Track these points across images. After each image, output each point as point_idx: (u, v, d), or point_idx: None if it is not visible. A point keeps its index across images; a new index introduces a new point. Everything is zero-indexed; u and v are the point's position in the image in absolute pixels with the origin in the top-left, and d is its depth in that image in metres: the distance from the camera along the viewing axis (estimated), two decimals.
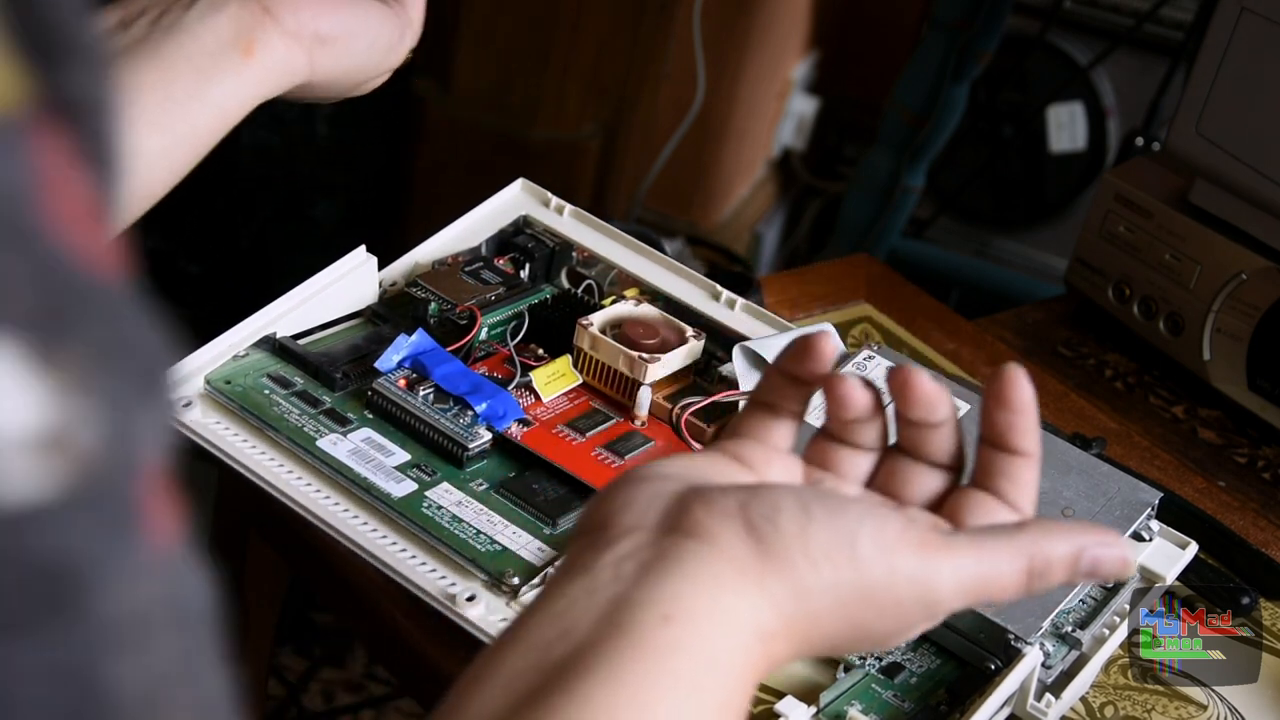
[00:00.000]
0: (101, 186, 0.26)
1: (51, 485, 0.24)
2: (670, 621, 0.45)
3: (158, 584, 0.26)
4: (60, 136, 0.25)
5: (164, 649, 0.26)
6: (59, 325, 0.24)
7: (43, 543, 0.24)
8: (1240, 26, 0.95)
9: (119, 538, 0.25)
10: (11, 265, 0.23)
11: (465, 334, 0.82)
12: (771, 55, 2.23)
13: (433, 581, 0.68)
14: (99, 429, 0.24)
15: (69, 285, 0.24)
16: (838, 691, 0.68)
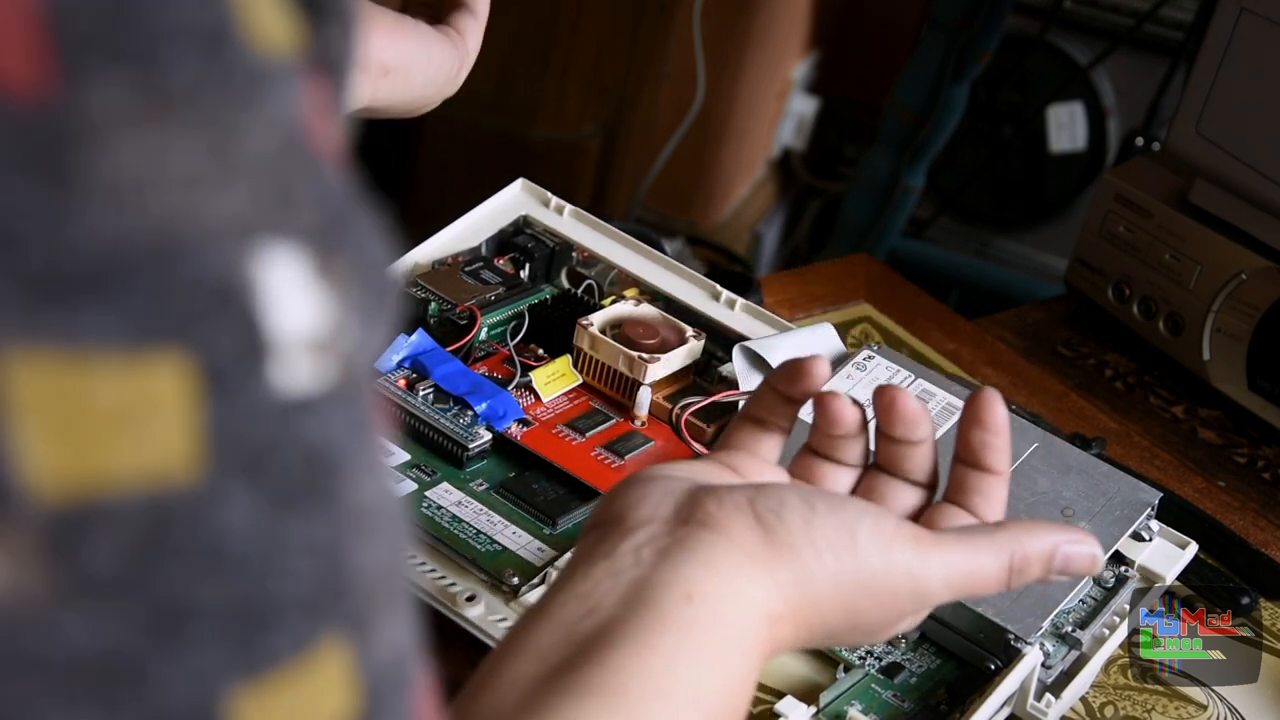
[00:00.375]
0: (340, 130, 0.29)
1: (322, 381, 0.26)
2: (691, 600, 0.48)
3: (383, 482, 0.29)
4: (323, 86, 0.28)
5: (386, 541, 0.29)
6: (334, 240, 0.27)
7: (312, 432, 0.26)
8: (1240, 26, 0.95)
9: (365, 434, 0.28)
10: (302, 184, 0.26)
11: (465, 334, 0.82)
12: (771, 55, 2.23)
13: (432, 581, 0.68)
14: (355, 335, 0.27)
15: (340, 205, 0.27)
16: (838, 691, 0.68)
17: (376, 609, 0.28)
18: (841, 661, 0.70)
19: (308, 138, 0.27)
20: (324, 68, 0.28)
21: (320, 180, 0.27)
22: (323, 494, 0.27)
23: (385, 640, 0.29)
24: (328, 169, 0.27)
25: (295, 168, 0.26)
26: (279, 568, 0.26)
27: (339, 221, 0.27)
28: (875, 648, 0.71)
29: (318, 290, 0.26)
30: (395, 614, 0.29)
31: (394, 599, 0.29)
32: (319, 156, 0.27)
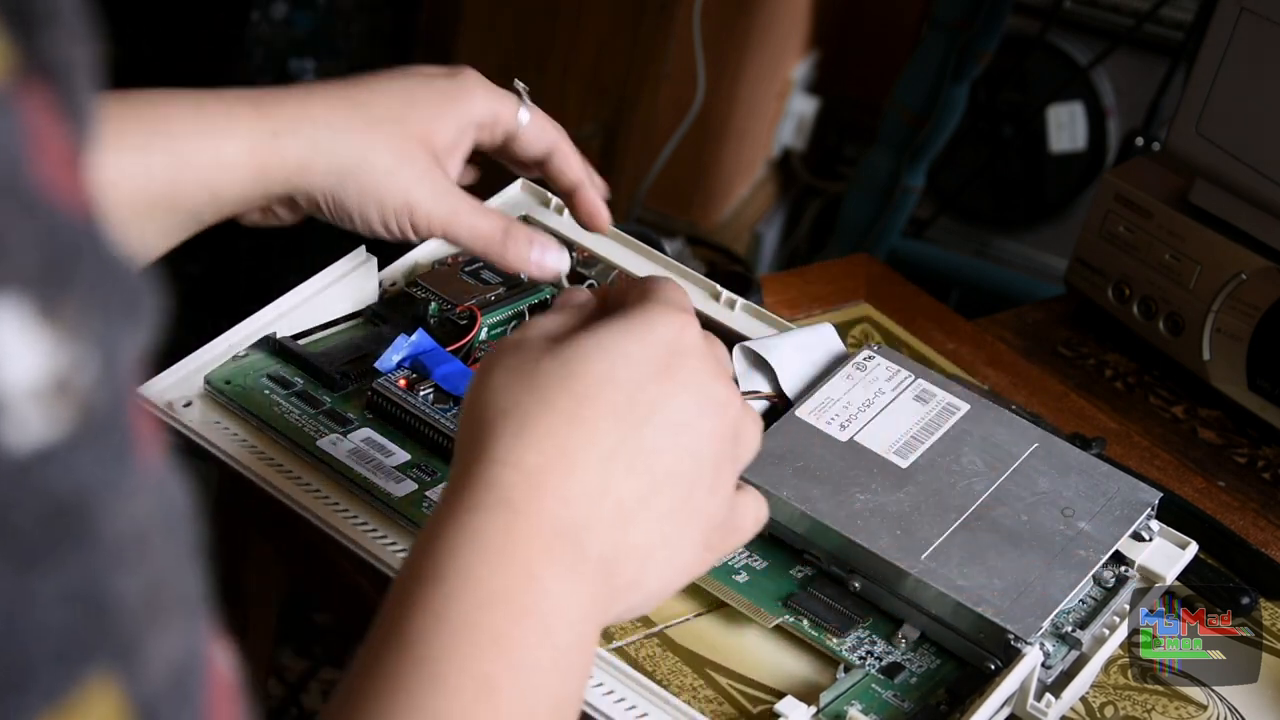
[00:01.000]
0: (77, 136, 0.28)
1: (59, 427, 0.26)
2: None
3: (152, 498, 0.28)
4: (43, 95, 0.27)
5: (158, 555, 0.28)
6: (58, 279, 0.26)
7: (55, 481, 0.26)
8: (1240, 26, 0.95)
9: (120, 464, 0.27)
10: (18, 228, 0.25)
11: (465, 334, 0.82)
12: (771, 55, 2.23)
13: None
14: (95, 368, 0.26)
15: (63, 238, 0.26)
16: (837, 691, 0.68)
17: (147, 630, 0.28)
18: (842, 661, 0.70)
19: (25, 171, 0.26)
20: (48, 76, 0.27)
21: (39, 218, 0.26)
22: (75, 539, 0.26)
23: (160, 655, 0.28)
24: (52, 200, 0.26)
25: (9, 211, 0.25)
26: (26, 628, 0.25)
27: (66, 256, 0.26)
28: (875, 648, 0.71)
29: (44, 336, 0.25)
30: (171, 624, 0.29)
31: (169, 610, 0.29)
32: (39, 189, 0.26)
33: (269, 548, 0.90)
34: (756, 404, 0.79)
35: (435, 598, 0.49)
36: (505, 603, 0.50)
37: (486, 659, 0.48)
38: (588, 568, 0.53)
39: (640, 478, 0.54)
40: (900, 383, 0.81)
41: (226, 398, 0.76)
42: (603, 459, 0.54)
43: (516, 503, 0.52)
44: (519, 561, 0.51)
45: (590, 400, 0.54)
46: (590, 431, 0.54)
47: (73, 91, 0.28)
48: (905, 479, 0.75)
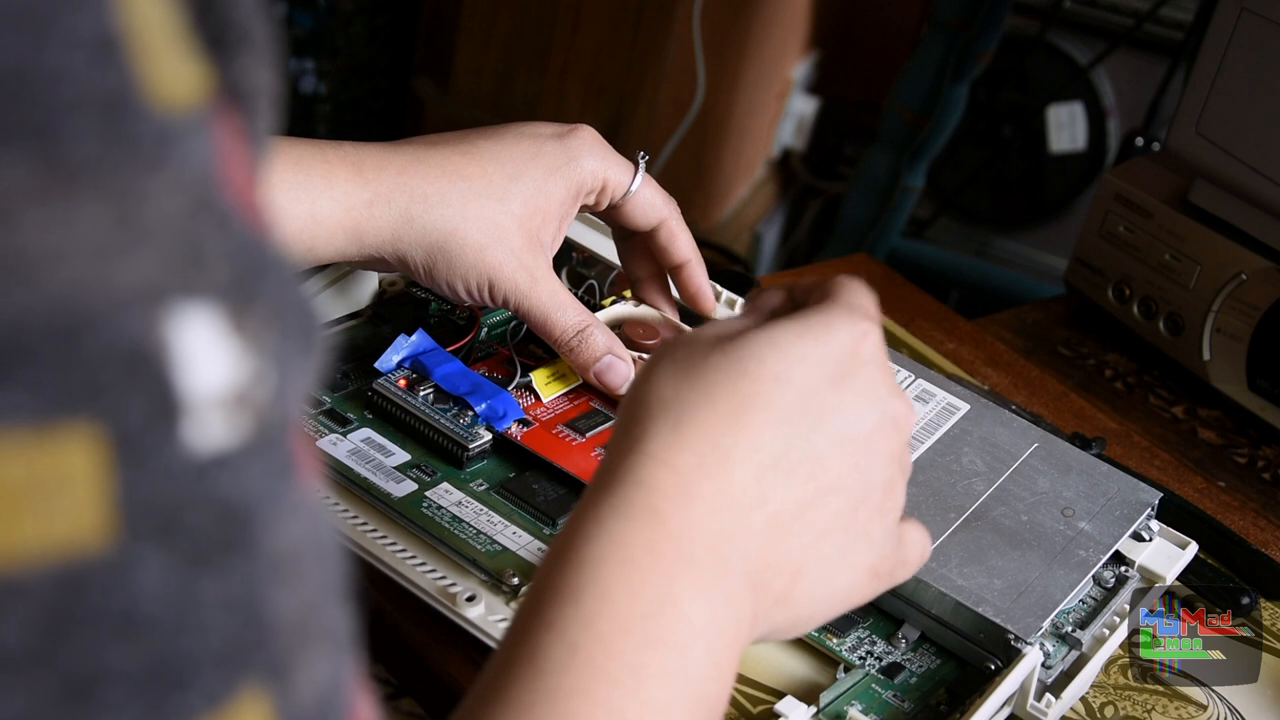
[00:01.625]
0: (257, 160, 0.29)
1: (236, 436, 0.27)
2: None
3: (307, 523, 0.29)
4: (233, 118, 0.28)
5: (311, 580, 0.29)
6: (247, 293, 0.27)
7: (227, 487, 0.27)
8: (1240, 26, 0.95)
9: (284, 482, 0.28)
10: (212, 240, 0.26)
11: (465, 334, 0.82)
12: (771, 55, 2.23)
13: (432, 582, 0.68)
14: (271, 385, 0.27)
15: (252, 255, 0.27)
16: (838, 691, 0.68)
17: (299, 651, 0.29)
18: (842, 661, 0.70)
19: (219, 188, 0.27)
20: (238, 102, 0.28)
21: (232, 232, 0.27)
22: (239, 547, 0.27)
23: (309, 680, 0.29)
24: (240, 218, 0.27)
25: (205, 224, 0.26)
26: (192, 626, 0.26)
27: (253, 272, 0.27)
28: (875, 648, 0.71)
29: (232, 345, 0.26)
30: (321, 653, 0.29)
31: (320, 638, 0.29)
32: (231, 207, 0.27)
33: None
34: None
35: (571, 622, 0.46)
36: (643, 629, 0.47)
37: (620, 695, 0.45)
38: (731, 585, 0.50)
39: (802, 487, 0.51)
40: (900, 383, 0.80)
41: None
42: (763, 466, 0.51)
43: (664, 511, 0.49)
44: (660, 581, 0.48)
45: (757, 402, 0.51)
46: (753, 437, 0.51)
47: (256, 117, 0.29)
48: None
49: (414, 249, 0.73)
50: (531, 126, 0.77)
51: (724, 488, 0.50)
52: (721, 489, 0.50)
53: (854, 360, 0.54)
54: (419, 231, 0.72)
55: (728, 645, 0.49)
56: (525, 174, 0.75)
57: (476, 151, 0.75)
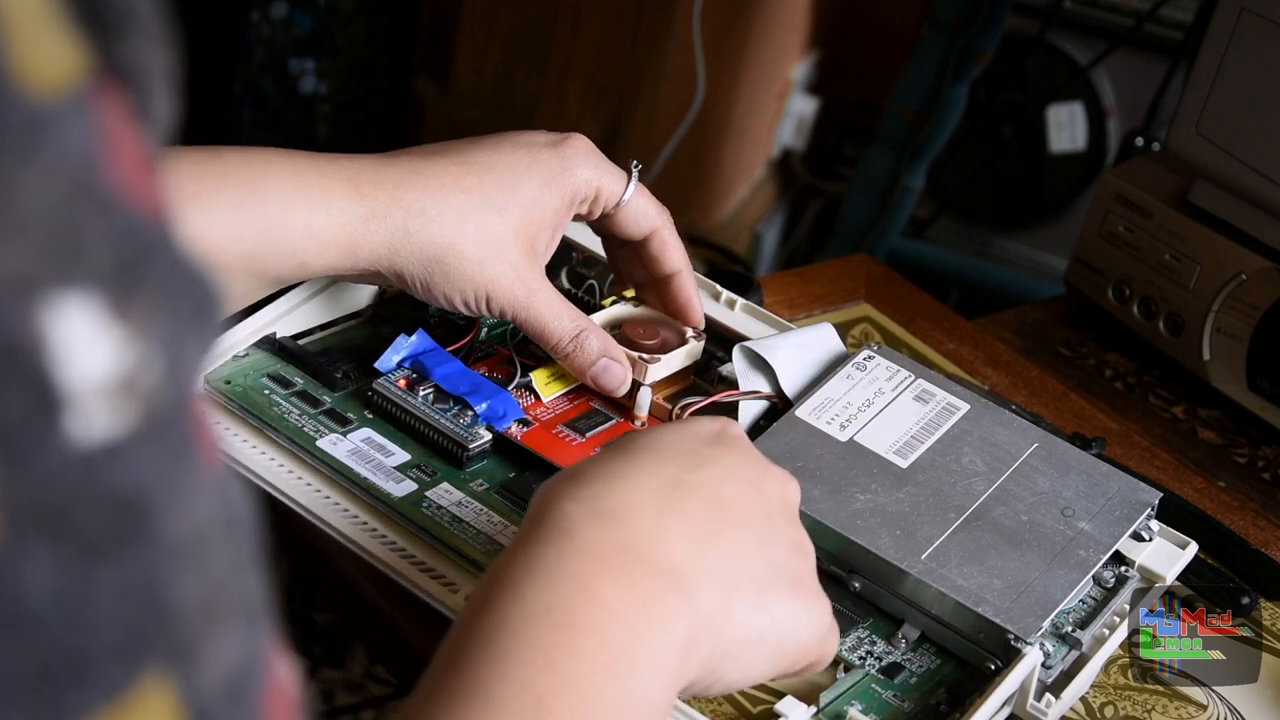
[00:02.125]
0: (152, 141, 0.29)
1: (124, 424, 0.26)
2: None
3: (211, 501, 0.29)
4: (118, 98, 0.27)
5: (217, 559, 0.29)
6: (130, 278, 0.26)
7: (117, 477, 0.26)
8: (1240, 26, 0.95)
9: (180, 464, 0.28)
10: (92, 226, 0.26)
11: (465, 334, 0.82)
12: (771, 55, 2.23)
13: (432, 582, 0.68)
14: (161, 368, 0.27)
15: (136, 238, 0.27)
16: (837, 691, 0.68)
17: (205, 633, 0.28)
18: (842, 661, 0.70)
19: (101, 172, 0.26)
20: (123, 82, 0.28)
21: (115, 217, 0.26)
22: (135, 537, 0.26)
23: (217, 660, 0.29)
24: (125, 202, 0.27)
25: (84, 210, 0.26)
26: (87, 621, 0.26)
27: (139, 256, 0.27)
28: (875, 647, 0.71)
29: (114, 333, 0.26)
30: (230, 630, 0.29)
31: (229, 615, 0.29)
32: (114, 191, 0.26)
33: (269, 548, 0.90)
34: (756, 404, 0.80)
35: (485, 623, 0.50)
36: (553, 616, 0.50)
37: (535, 675, 0.48)
38: (651, 577, 0.53)
39: (700, 503, 0.56)
40: (900, 383, 0.81)
41: (226, 397, 0.76)
42: (662, 485, 0.56)
43: (574, 530, 0.53)
44: (571, 577, 0.51)
45: (646, 452, 0.57)
46: (646, 467, 0.56)
47: (148, 96, 0.28)
48: (905, 479, 0.75)
49: (411, 263, 0.73)
50: (526, 136, 0.77)
51: (627, 502, 0.54)
52: (626, 503, 0.54)
53: (723, 435, 0.61)
54: (416, 246, 0.72)
55: (657, 637, 0.52)
56: (521, 185, 0.75)
57: (473, 162, 0.75)
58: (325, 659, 1.70)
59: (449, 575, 0.69)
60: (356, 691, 1.69)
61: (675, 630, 0.52)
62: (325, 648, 1.71)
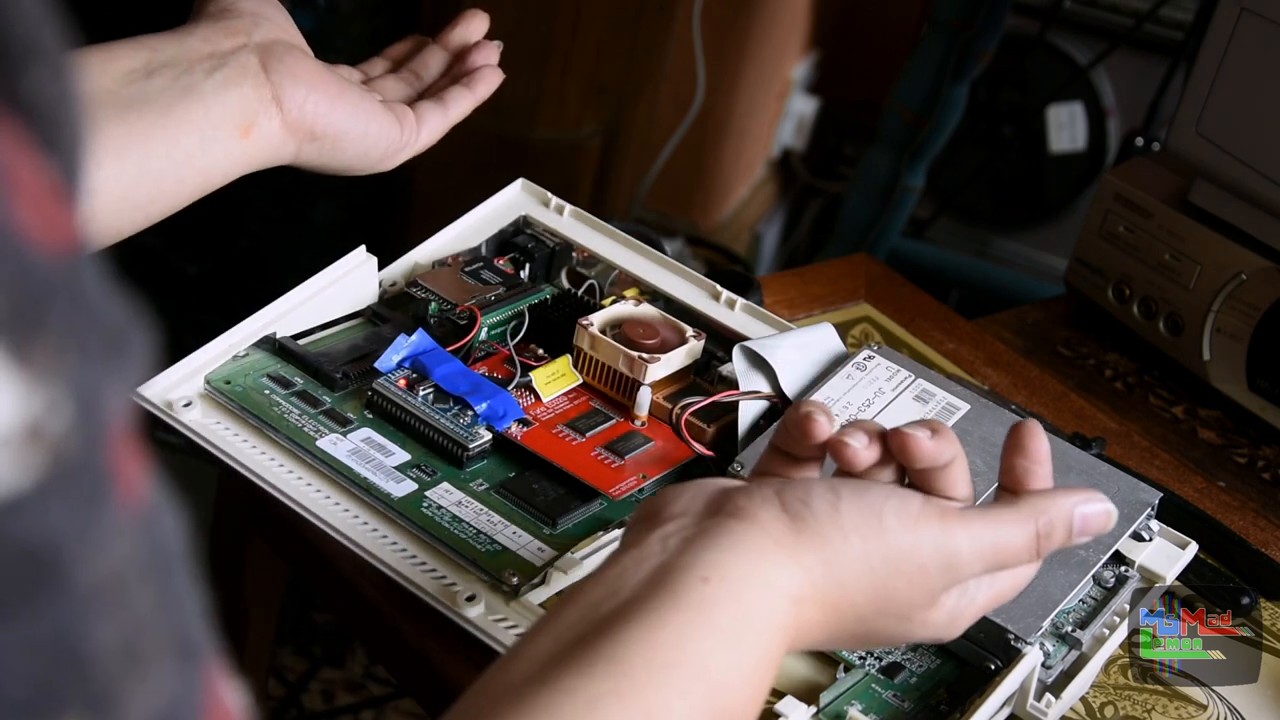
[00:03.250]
0: (64, 170, 0.28)
1: (29, 474, 0.25)
2: (708, 581, 0.51)
3: (133, 540, 0.27)
4: (15, 133, 0.26)
5: (141, 599, 0.28)
6: (31, 321, 0.25)
7: (23, 529, 0.25)
8: (1240, 26, 0.95)
9: (94, 509, 0.26)
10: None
11: (465, 334, 0.82)
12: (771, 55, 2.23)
13: (432, 581, 0.68)
14: (70, 411, 0.26)
15: (37, 278, 0.25)
16: (838, 691, 0.68)
17: (127, 677, 0.27)
18: (842, 661, 0.70)
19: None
20: (25, 114, 0.27)
21: (9, 258, 0.25)
22: (45, 589, 0.25)
23: (144, 704, 0.28)
24: (20, 243, 0.25)
25: None
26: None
27: (38, 299, 0.25)
28: (875, 648, 0.71)
29: (14, 382, 0.25)
30: (157, 671, 0.28)
31: (154, 657, 0.28)
32: (10, 229, 0.25)
33: (269, 548, 0.90)
34: (756, 404, 0.79)
35: (604, 644, 0.49)
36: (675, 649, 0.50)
37: (649, 691, 0.48)
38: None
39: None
40: (900, 383, 0.81)
41: (227, 398, 0.76)
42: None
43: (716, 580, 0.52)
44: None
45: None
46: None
47: (55, 127, 0.28)
48: None
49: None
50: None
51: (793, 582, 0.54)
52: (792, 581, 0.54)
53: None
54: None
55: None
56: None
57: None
58: (325, 659, 1.70)
59: (449, 575, 0.69)
60: (356, 691, 1.69)
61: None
62: (325, 648, 1.71)
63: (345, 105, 0.76)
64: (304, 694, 1.67)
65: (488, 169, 1.90)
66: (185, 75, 0.71)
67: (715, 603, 0.51)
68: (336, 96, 0.76)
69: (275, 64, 0.74)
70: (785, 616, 0.53)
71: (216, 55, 0.73)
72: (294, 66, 0.75)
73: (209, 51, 0.73)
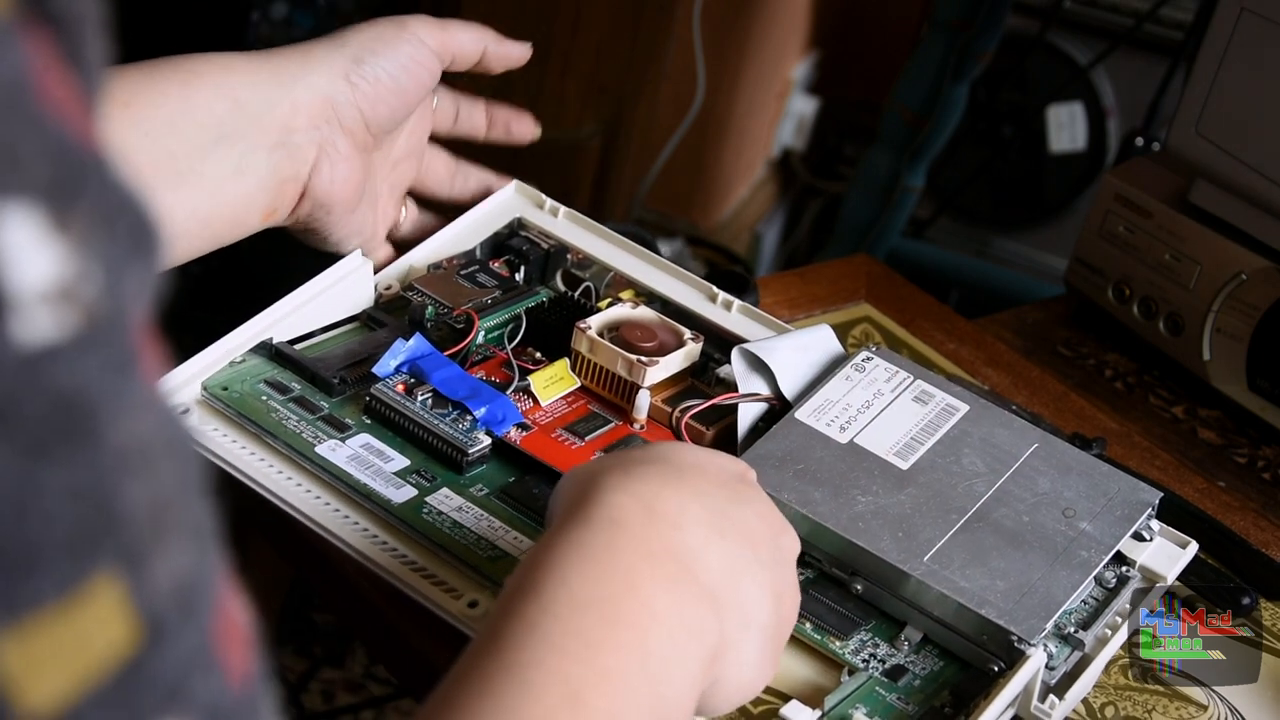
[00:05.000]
0: (85, 86, 0.30)
1: (65, 329, 0.27)
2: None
3: (155, 416, 0.30)
4: (47, 39, 0.28)
5: (164, 474, 0.30)
6: (69, 193, 0.27)
7: (61, 378, 0.27)
8: (1240, 26, 0.95)
9: (122, 374, 0.28)
10: (28, 141, 0.27)
11: (462, 338, 0.82)
12: (771, 55, 2.23)
13: (434, 588, 0.68)
14: (101, 282, 0.28)
15: (73, 157, 0.28)
16: (842, 695, 0.68)
17: (154, 540, 0.29)
18: (846, 665, 0.70)
19: (33, 93, 0.27)
20: (49, 23, 0.29)
21: (49, 135, 0.27)
22: (81, 437, 0.27)
23: (167, 569, 0.29)
24: (58, 122, 0.28)
25: (20, 125, 0.27)
26: (36, 514, 0.27)
27: (75, 174, 0.28)
28: (879, 650, 0.71)
29: (54, 242, 0.27)
30: (179, 544, 0.30)
31: (177, 530, 0.30)
32: (47, 110, 0.27)
33: (269, 548, 0.90)
34: (755, 406, 0.79)
35: (530, 608, 0.50)
36: (599, 609, 0.50)
37: (575, 665, 0.48)
38: (694, 589, 0.53)
39: (738, 537, 0.57)
40: (899, 384, 0.80)
41: (224, 404, 0.76)
42: (711, 506, 0.57)
43: (627, 523, 0.53)
44: (620, 571, 0.52)
45: (692, 470, 0.58)
46: (696, 484, 0.57)
47: (79, 44, 0.29)
48: (906, 480, 0.74)
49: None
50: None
51: (682, 510, 0.55)
52: (680, 511, 0.55)
53: (747, 478, 0.62)
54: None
55: (691, 640, 0.52)
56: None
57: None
58: (325, 659, 1.70)
59: (450, 581, 0.69)
60: (356, 691, 1.69)
61: (706, 644, 0.53)
62: (325, 648, 1.71)
63: (351, 215, 0.80)
64: (304, 694, 1.67)
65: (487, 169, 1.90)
66: (249, 152, 0.73)
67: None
68: (350, 207, 0.79)
69: (324, 159, 0.76)
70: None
71: (288, 130, 0.74)
72: (338, 162, 0.77)
73: (285, 125, 0.74)
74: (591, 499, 0.55)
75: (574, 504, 0.55)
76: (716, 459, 0.61)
